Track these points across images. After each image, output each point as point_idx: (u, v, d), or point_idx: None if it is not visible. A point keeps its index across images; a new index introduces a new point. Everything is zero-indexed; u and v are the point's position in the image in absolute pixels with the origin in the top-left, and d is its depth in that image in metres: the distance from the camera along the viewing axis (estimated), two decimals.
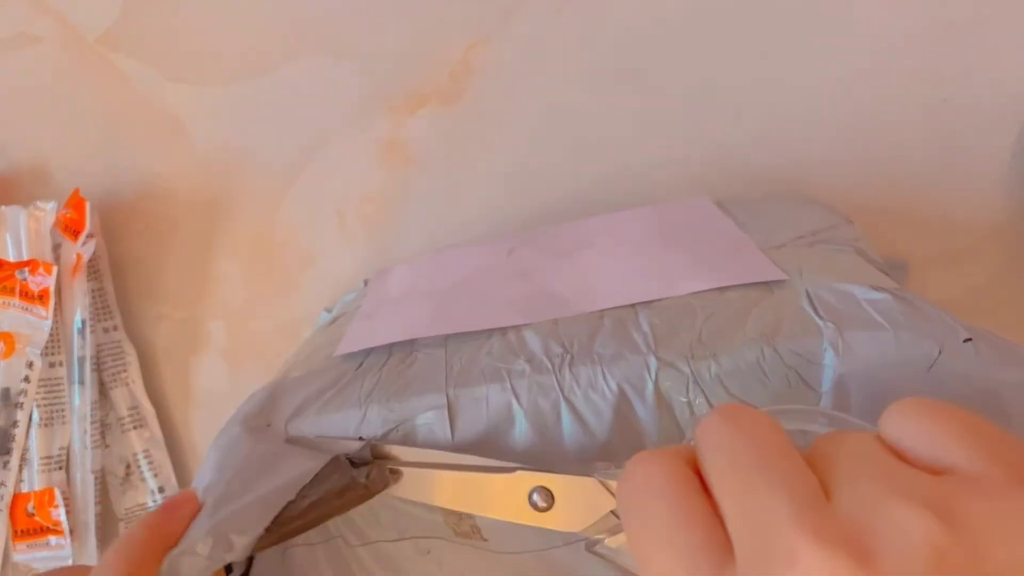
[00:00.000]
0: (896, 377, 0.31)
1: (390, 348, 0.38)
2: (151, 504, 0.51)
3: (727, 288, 0.35)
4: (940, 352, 0.31)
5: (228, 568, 0.32)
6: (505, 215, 0.53)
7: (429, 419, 0.33)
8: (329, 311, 0.51)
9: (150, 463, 0.52)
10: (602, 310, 0.36)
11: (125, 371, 0.52)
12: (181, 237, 0.54)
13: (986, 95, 0.51)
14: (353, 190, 0.54)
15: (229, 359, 0.54)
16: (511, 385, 0.33)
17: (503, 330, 0.37)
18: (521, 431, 0.33)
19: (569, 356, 0.34)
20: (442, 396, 0.34)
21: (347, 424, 0.34)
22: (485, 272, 0.43)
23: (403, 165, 0.54)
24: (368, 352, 0.38)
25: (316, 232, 0.54)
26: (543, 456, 0.33)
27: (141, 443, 0.52)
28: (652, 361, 0.32)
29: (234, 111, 0.54)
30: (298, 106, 0.54)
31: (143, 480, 0.52)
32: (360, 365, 0.37)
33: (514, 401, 0.33)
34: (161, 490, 0.52)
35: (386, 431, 0.34)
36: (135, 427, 0.52)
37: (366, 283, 0.50)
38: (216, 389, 0.54)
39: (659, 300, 0.36)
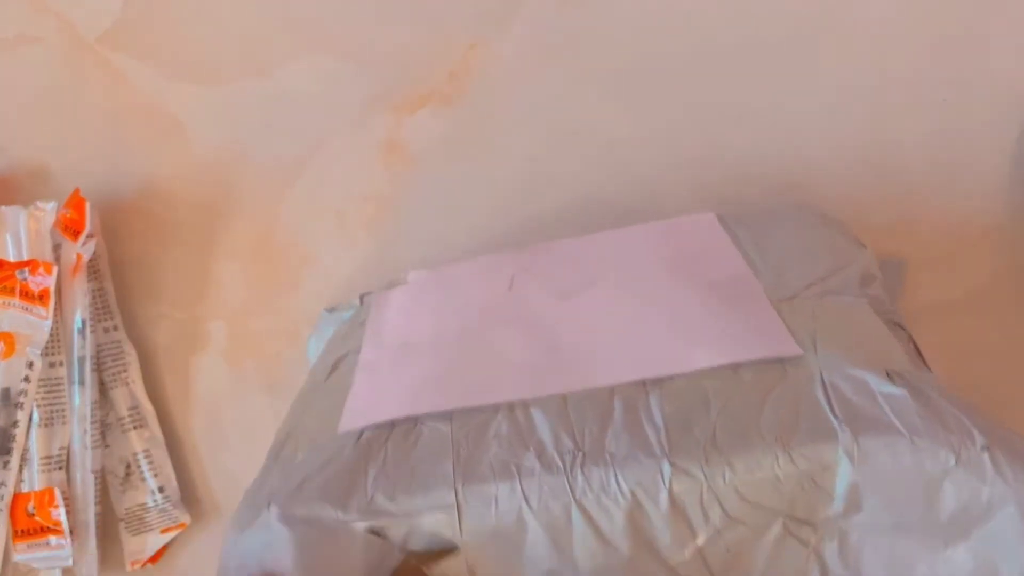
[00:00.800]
0: (910, 484, 0.32)
1: (393, 420, 0.37)
2: (151, 504, 0.51)
3: (740, 364, 0.35)
4: (956, 461, 0.31)
5: None
6: (505, 215, 0.53)
7: (437, 519, 0.33)
8: (331, 311, 0.51)
9: (150, 463, 0.52)
10: (612, 386, 0.36)
11: (125, 371, 0.52)
12: (181, 237, 0.54)
13: (986, 95, 0.51)
14: (353, 190, 0.54)
15: (229, 359, 0.54)
16: (521, 486, 0.33)
17: (510, 405, 0.37)
18: (532, 535, 0.33)
19: (581, 454, 0.33)
20: (450, 492, 0.33)
21: (350, 514, 0.33)
22: (487, 315, 0.43)
23: (403, 165, 0.54)
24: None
25: (316, 232, 0.54)
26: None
27: (141, 443, 0.52)
28: (666, 467, 0.32)
29: (234, 111, 0.54)
30: (298, 106, 0.54)
31: (143, 480, 0.52)
32: (361, 435, 0.37)
33: (524, 504, 0.33)
34: (161, 490, 0.52)
35: (389, 524, 0.33)
36: (135, 427, 0.52)
37: (362, 300, 0.49)
38: (216, 389, 0.54)
39: (670, 378, 0.36)
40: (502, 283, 0.45)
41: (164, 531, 0.51)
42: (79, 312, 0.50)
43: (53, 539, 0.49)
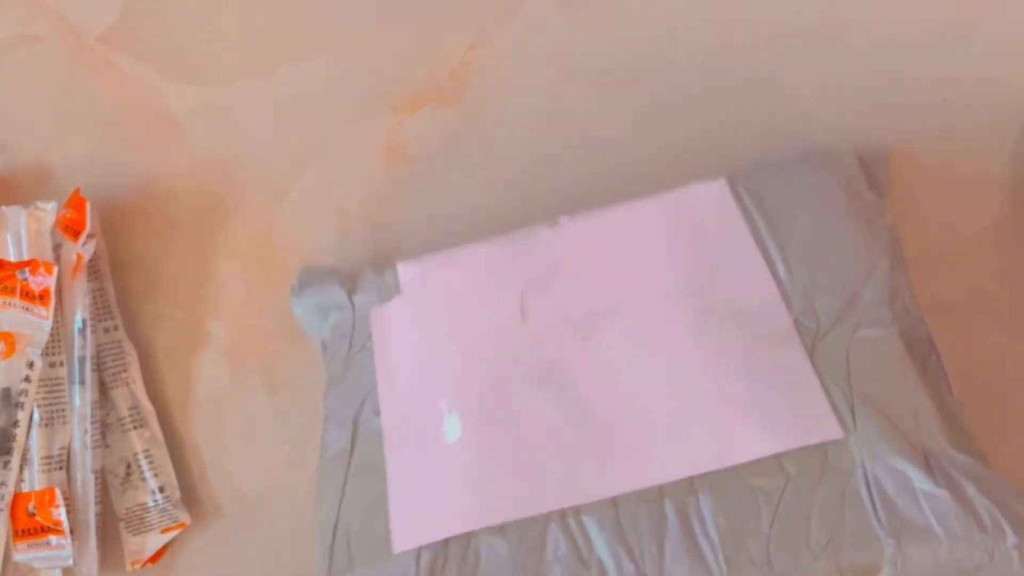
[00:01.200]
0: None
1: (447, 541, 0.38)
2: (151, 504, 0.51)
3: (784, 455, 0.37)
4: (989, 560, 0.35)
5: None
6: (505, 215, 0.53)
7: None
8: (312, 277, 0.48)
9: (150, 463, 0.52)
10: (660, 486, 0.38)
11: (125, 371, 0.52)
12: (181, 237, 0.54)
13: (986, 95, 0.51)
14: (353, 190, 0.54)
15: (229, 358, 0.54)
16: None
17: (562, 513, 0.38)
18: None
19: None
20: None
21: None
22: (508, 361, 0.42)
23: (403, 165, 0.54)
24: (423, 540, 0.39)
25: (316, 232, 0.54)
26: None
27: (141, 443, 0.52)
28: None
29: (234, 111, 0.54)
30: (298, 106, 0.54)
31: (143, 480, 0.52)
32: (419, 557, 0.38)
33: None
34: (161, 490, 0.52)
35: None
36: (135, 427, 0.52)
37: (352, 302, 0.47)
38: (216, 389, 0.54)
39: (718, 478, 0.37)
40: (511, 304, 0.43)
41: (164, 531, 0.51)
42: (79, 312, 0.50)
43: (53, 539, 0.49)
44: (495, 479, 0.39)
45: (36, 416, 0.49)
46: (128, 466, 0.52)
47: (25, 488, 0.49)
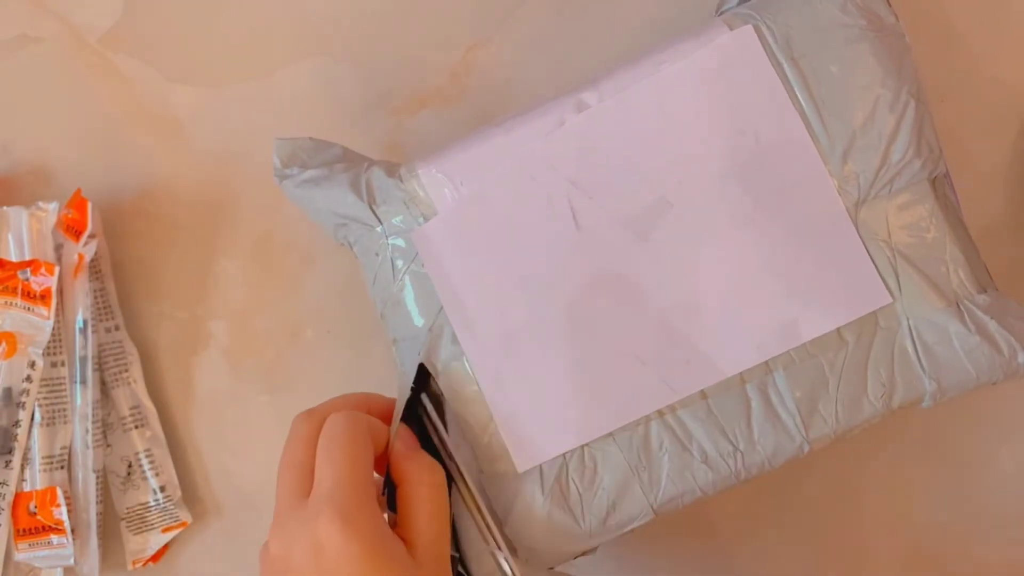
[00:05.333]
0: (970, 392, 0.43)
1: (563, 453, 0.43)
2: (152, 503, 0.52)
3: (843, 326, 0.42)
4: (1004, 376, 0.43)
5: None
6: None
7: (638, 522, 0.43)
8: (288, 151, 0.47)
9: (151, 462, 0.52)
10: (740, 373, 0.42)
11: (127, 371, 0.52)
12: (183, 237, 0.54)
13: (985, 95, 0.51)
14: None
15: (230, 358, 0.54)
16: (699, 489, 0.43)
17: (660, 413, 0.43)
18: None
19: (739, 453, 0.42)
20: (649, 512, 0.43)
21: (576, 536, 0.43)
22: (572, 274, 0.43)
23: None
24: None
25: (317, 231, 0.54)
26: None
27: (143, 442, 0.52)
28: (806, 447, 0.43)
29: (235, 112, 0.54)
30: (299, 107, 0.54)
31: (144, 479, 0.52)
32: (542, 472, 0.43)
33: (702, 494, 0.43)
34: (162, 489, 0.52)
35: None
36: (136, 426, 0.52)
37: (377, 215, 0.45)
38: (217, 388, 0.54)
39: (788, 357, 0.42)
40: (562, 211, 0.44)
41: (165, 530, 0.52)
42: (81, 312, 0.50)
43: (55, 538, 0.49)
44: (593, 394, 0.43)
45: (37, 416, 0.50)
46: (129, 465, 0.52)
47: (26, 487, 0.49)
